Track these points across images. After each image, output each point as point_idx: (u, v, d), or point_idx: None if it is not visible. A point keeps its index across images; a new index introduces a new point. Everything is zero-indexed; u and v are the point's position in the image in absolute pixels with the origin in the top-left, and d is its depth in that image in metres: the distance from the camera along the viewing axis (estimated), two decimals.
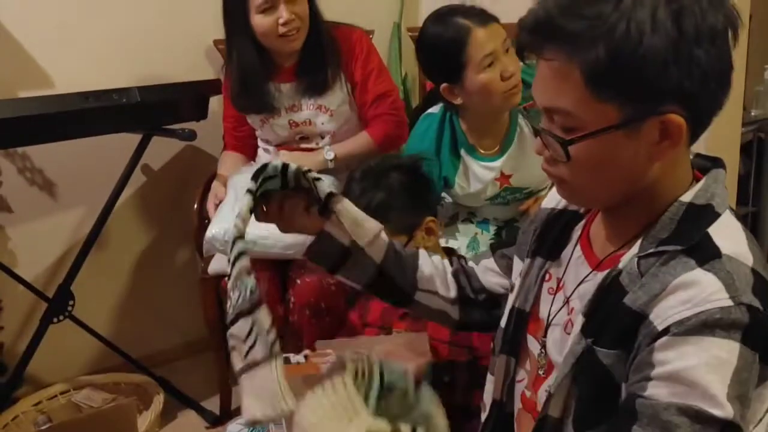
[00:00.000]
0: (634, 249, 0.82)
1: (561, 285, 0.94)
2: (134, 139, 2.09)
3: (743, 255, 0.77)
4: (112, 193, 2.09)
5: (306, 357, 1.25)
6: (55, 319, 2.01)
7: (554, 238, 0.97)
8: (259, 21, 1.80)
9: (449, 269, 1.16)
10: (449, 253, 1.51)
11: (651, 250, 0.80)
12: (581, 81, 0.75)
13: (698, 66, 0.73)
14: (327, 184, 1.02)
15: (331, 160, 1.91)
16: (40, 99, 1.92)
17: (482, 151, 1.74)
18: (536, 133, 0.85)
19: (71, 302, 2.03)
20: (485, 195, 1.77)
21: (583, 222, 0.96)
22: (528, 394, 0.97)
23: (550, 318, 0.93)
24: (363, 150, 1.93)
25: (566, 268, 0.93)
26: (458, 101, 1.65)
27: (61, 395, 2.16)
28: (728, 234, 0.79)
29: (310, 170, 1.02)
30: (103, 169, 2.18)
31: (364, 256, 1.07)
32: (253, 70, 1.88)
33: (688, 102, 0.75)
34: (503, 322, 1.02)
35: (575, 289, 0.90)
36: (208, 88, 2.12)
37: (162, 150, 2.33)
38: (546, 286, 0.97)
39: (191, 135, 1.94)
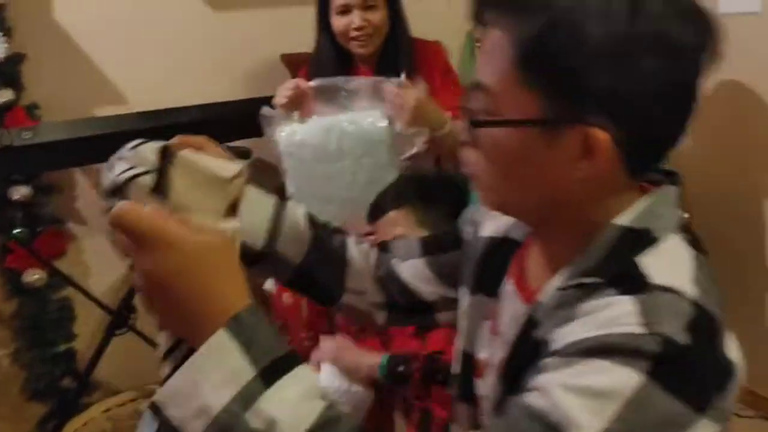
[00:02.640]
0: (555, 280, 0.71)
1: (498, 324, 0.82)
2: None
3: (682, 287, 0.63)
4: None
5: None
6: (117, 331, 2.07)
7: (494, 271, 0.84)
8: (336, 21, 1.89)
9: (374, 269, 1.00)
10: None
11: (571, 283, 0.67)
12: (510, 57, 0.65)
13: (643, 76, 0.62)
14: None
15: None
16: (112, 119, 2.01)
17: None
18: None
19: (133, 315, 2.09)
20: None
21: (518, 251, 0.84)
22: None
23: (490, 362, 0.82)
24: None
25: (503, 305, 0.82)
26: None
27: (130, 402, 2.24)
28: (665, 262, 0.65)
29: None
30: None
31: (279, 259, 0.92)
32: (329, 64, 1.94)
33: (621, 118, 0.63)
34: (455, 367, 0.91)
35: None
36: (268, 104, 2.12)
37: None
38: (486, 325, 0.85)
39: (246, 152, 1.95)
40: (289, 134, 1.78)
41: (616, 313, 0.61)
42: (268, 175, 2.08)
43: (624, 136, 0.64)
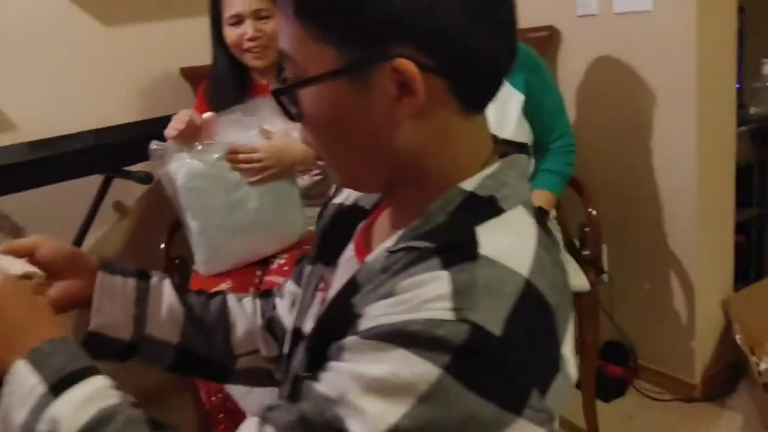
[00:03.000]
0: (388, 242, 0.65)
1: (329, 295, 0.76)
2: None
3: (516, 260, 0.58)
4: (76, 236, 2.02)
5: None
6: None
7: (338, 239, 0.79)
8: (228, 33, 1.83)
9: (260, 320, 0.94)
10: None
11: (401, 245, 0.61)
12: (291, 14, 0.61)
13: None
14: None
15: None
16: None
17: None
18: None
19: None
20: None
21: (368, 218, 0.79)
22: None
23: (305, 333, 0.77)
24: None
25: (338, 274, 0.76)
26: None
27: None
28: (506, 234, 0.60)
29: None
30: (76, 210, 2.11)
31: (154, 343, 0.88)
32: (226, 81, 1.88)
33: (425, 43, 0.58)
34: (285, 347, 0.83)
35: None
36: (167, 122, 2.03)
37: (133, 186, 2.25)
38: (319, 296, 0.79)
39: (146, 178, 1.86)
40: (185, 168, 1.67)
41: (428, 295, 0.55)
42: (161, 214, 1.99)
43: (437, 63, 0.59)
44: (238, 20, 1.80)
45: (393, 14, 0.57)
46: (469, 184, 0.63)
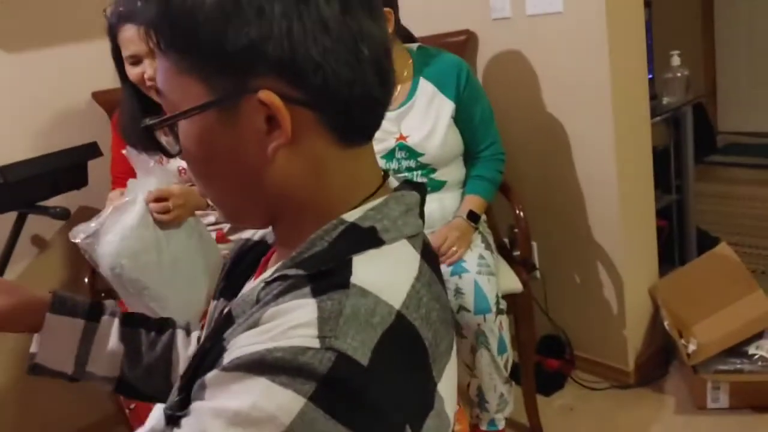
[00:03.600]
0: (267, 272, 0.64)
1: None
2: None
3: (389, 292, 0.57)
4: None
5: None
6: None
7: (242, 274, 0.79)
8: (129, 71, 1.79)
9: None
10: None
11: (277, 275, 0.60)
12: (162, 47, 0.60)
13: (275, 23, 0.56)
14: None
15: None
16: None
17: None
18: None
19: None
20: (382, 146, 1.87)
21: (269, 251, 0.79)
22: None
23: None
24: None
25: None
26: None
27: None
28: (383, 265, 0.60)
29: None
30: None
31: (95, 379, 0.92)
32: (134, 116, 1.82)
33: (290, 75, 0.57)
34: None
35: None
36: (85, 153, 1.96)
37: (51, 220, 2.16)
38: None
39: (64, 213, 1.79)
40: (108, 257, 1.53)
41: (293, 322, 0.53)
42: None
43: (301, 95, 0.58)
44: (136, 60, 1.75)
45: (251, 45, 0.56)
46: (351, 216, 0.62)
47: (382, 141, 1.89)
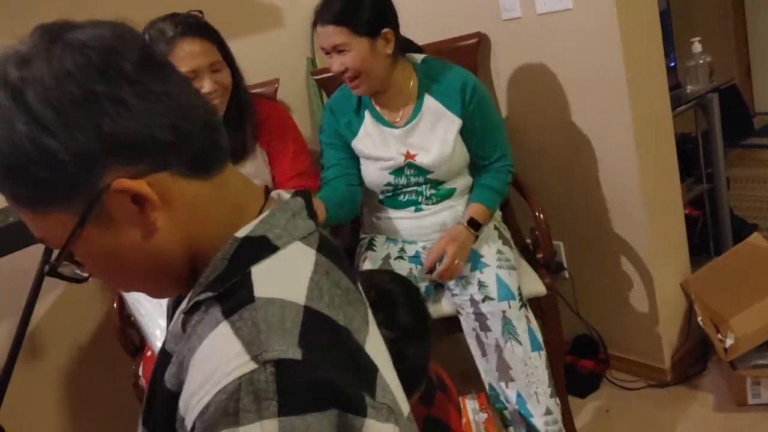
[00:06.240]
0: (183, 303, 0.69)
1: None
2: None
3: (291, 291, 0.63)
4: (25, 307, 1.97)
5: None
6: None
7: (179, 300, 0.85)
8: None
9: None
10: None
11: (191, 303, 0.66)
12: (19, 204, 0.64)
13: (86, 124, 0.59)
14: None
15: None
16: None
17: (386, 119, 1.90)
18: None
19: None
20: (390, 164, 1.87)
21: None
22: None
23: None
24: None
25: None
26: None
27: None
28: (279, 269, 0.65)
29: None
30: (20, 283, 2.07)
31: None
32: None
33: (125, 156, 0.61)
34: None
35: None
36: None
37: None
38: None
39: None
40: None
41: (225, 359, 0.58)
42: None
43: (146, 166, 0.62)
44: (195, 76, 1.75)
45: (76, 159, 0.59)
46: (242, 232, 0.67)
47: (390, 159, 1.88)
